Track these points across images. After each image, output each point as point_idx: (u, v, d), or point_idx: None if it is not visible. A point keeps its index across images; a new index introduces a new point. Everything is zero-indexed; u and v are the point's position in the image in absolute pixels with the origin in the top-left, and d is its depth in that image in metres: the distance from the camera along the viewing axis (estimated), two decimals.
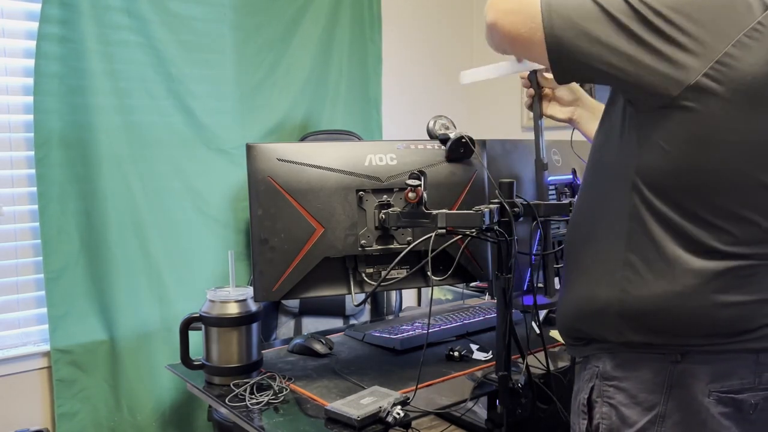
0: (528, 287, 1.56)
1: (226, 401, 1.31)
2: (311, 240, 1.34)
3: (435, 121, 1.48)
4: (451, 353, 1.53)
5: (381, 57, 2.90)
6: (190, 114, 2.35)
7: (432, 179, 1.40)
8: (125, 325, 2.22)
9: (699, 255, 0.94)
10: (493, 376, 1.34)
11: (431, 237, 1.24)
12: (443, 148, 1.46)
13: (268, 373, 1.44)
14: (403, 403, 1.24)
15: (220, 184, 2.44)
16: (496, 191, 1.28)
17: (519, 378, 1.27)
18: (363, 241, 1.38)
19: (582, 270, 1.07)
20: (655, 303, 0.97)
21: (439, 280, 1.47)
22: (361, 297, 1.40)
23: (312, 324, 2.40)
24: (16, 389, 2.13)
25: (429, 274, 1.36)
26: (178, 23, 2.30)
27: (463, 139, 1.42)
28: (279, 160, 1.34)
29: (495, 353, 1.35)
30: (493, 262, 1.48)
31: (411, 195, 1.25)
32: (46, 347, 2.13)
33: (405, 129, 3.04)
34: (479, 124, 3.34)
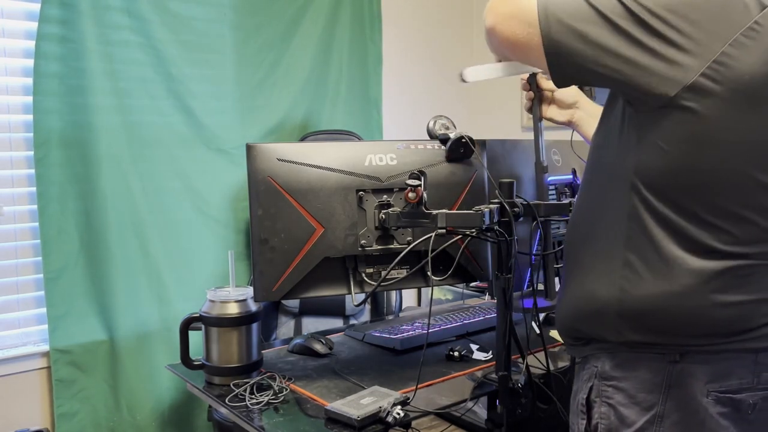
0: (528, 287, 1.56)
1: (226, 401, 1.31)
2: (311, 240, 1.34)
3: (435, 121, 1.48)
4: (451, 353, 1.53)
5: (381, 57, 2.90)
6: (190, 114, 2.35)
7: (432, 179, 1.40)
8: (125, 325, 2.22)
9: (698, 255, 0.94)
10: (493, 376, 1.34)
11: (431, 237, 1.24)
12: (443, 148, 1.46)
13: (268, 373, 1.44)
14: (403, 403, 1.24)
15: (220, 184, 2.44)
16: (496, 191, 1.28)
17: (519, 378, 1.27)
18: (363, 241, 1.38)
19: (581, 270, 1.07)
20: (654, 303, 0.97)
21: (439, 280, 1.47)
22: (361, 297, 1.40)
23: (312, 324, 2.40)
24: (16, 389, 2.13)
25: (429, 274, 1.36)
26: (178, 23, 2.30)
27: (463, 139, 1.42)
28: (279, 160, 1.34)
29: (495, 353, 1.35)
30: (493, 262, 1.48)
31: (411, 195, 1.25)
32: (45, 347, 2.13)
33: (405, 129, 3.04)
34: (479, 124, 3.34)
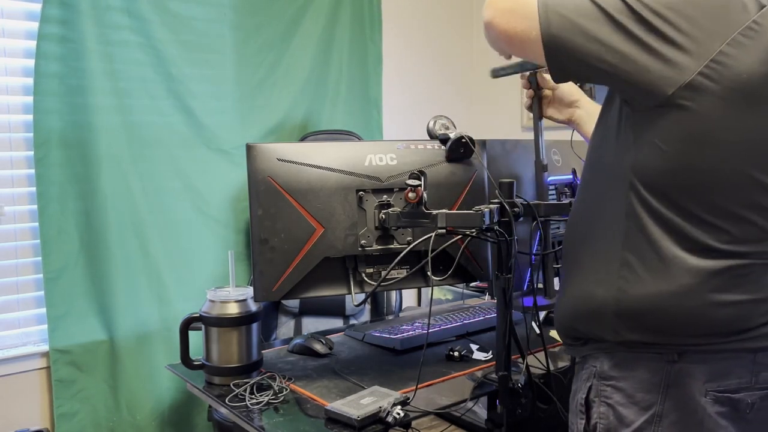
0: (528, 288, 1.56)
1: (226, 401, 1.31)
2: (311, 240, 1.34)
3: (435, 121, 1.48)
4: (451, 353, 1.53)
5: (381, 57, 2.90)
6: (190, 114, 2.35)
7: (432, 179, 1.40)
8: (125, 325, 2.22)
9: (696, 254, 0.94)
10: (493, 376, 1.34)
11: (431, 237, 1.24)
12: (443, 148, 1.46)
13: (268, 373, 1.44)
14: (403, 403, 1.24)
15: (220, 184, 2.44)
16: (496, 191, 1.28)
17: (519, 378, 1.27)
18: (363, 241, 1.38)
19: (579, 269, 1.07)
20: (652, 302, 0.97)
21: (439, 280, 1.47)
22: (361, 297, 1.40)
23: (312, 324, 2.40)
24: (16, 389, 2.13)
25: (429, 274, 1.36)
26: (178, 23, 2.30)
27: (463, 139, 1.42)
28: (279, 160, 1.34)
29: (495, 353, 1.35)
30: (493, 262, 1.48)
31: (411, 195, 1.25)
32: (45, 347, 2.13)
33: (405, 129, 3.04)
34: (479, 124, 3.34)
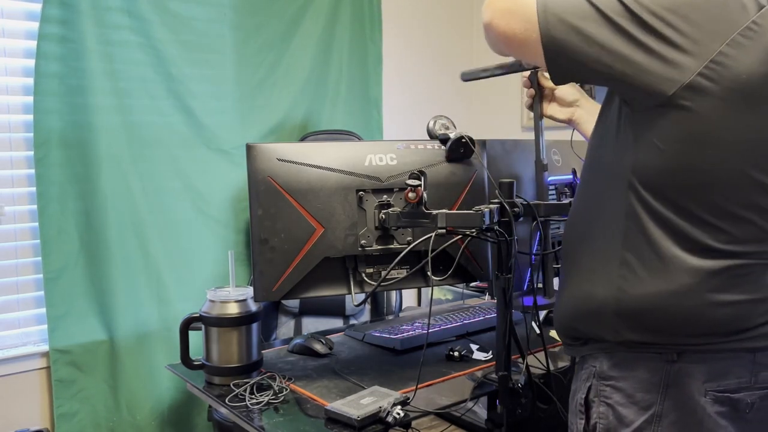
0: (528, 287, 1.56)
1: (226, 401, 1.31)
2: (311, 240, 1.34)
3: (435, 121, 1.48)
4: (451, 353, 1.53)
5: (381, 57, 2.90)
6: (190, 114, 2.35)
7: (432, 179, 1.40)
8: (125, 325, 2.22)
9: (695, 254, 0.94)
10: (493, 376, 1.34)
11: (431, 237, 1.24)
12: (443, 148, 1.46)
13: (268, 373, 1.44)
14: (403, 403, 1.24)
15: (220, 184, 2.44)
16: (496, 191, 1.28)
17: (519, 378, 1.27)
18: (363, 241, 1.38)
19: (579, 269, 1.07)
20: (652, 302, 0.97)
21: (439, 280, 1.47)
22: (361, 297, 1.40)
23: (312, 324, 2.40)
24: (16, 389, 2.13)
25: (429, 274, 1.36)
26: (178, 23, 2.30)
27: (463, 139, 1.42)
28: (279, 160, 1.34)
29: (495, 353, 1.35)
30: (493, 262, 1.48)
31: (411, 195, 1.25)
32: (45, 347, 2.13)
33: (405, 129, 3.04)
34: (479, 124, 3.34)
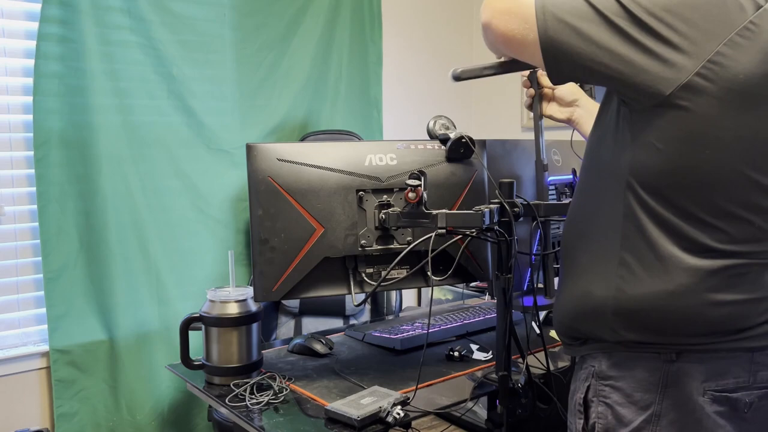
0: (528, 287, 1.56)
1: (226, 401, 1.31)
2: (311, 240, 1.34)
3: (435, 121, 1.48)
4: (451, 353, 1.53)
5: (381, 57, 2.90)
6: (190, 114, 2.35)
7: (432, 179, 1.40)
8: (125, 325, 2.22)
9: (693, 253, 0.94)
10: (493, 376, 1.34)
11: (431, 237, 1.24)
12: (443, 148, 1.46)
13: (268, 373, 1.44)
14: (403, 403, 1.24)
15: (221, 184, 2.44)
16: (496, 191, 1.28)
17: (519, 378, 1.27)
18: (363, 241, 1.38)
19: (578, 269, 1.07)
20: (650, 302, 0.97)
21: (439, 280, 1.47)
22: (361, 297, 1.40)
23: (312, 324, 2.40)
24: (16, 389, 2.13)
25: (429, 274, 1.36)
26: (178, 23, 2.30)
27: (463, 139, 1.42)
28: (279, 160, 1.34)
29: (495, 353, 1.35)
30: (493, 262, 1.48)
31: (411, 195, 1.25)
32: (45, 347, 2.13)
33: (405, 129, 3.04)
34: (479, 124, 3.34)
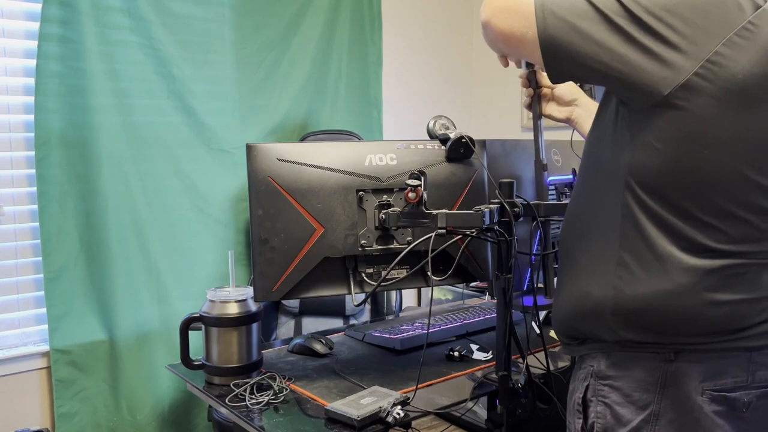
0: (528, 287, 1.56)
1: (226, 401, 1.31)
2: (311, 240, 1.34)
3: (435, 121, 1.48)
4: (451, 353, 1.53)
5: (381, 57, 2.90)
6: (190, 114, 2.35)
7: (432, 179, 1.40)
8: (125, 325, 2.22)
9: (692, 253, 0.94)
10: (493, 376, 1.34)
11: (431, 237, 1.24)
12: (443, 148, 1.46)
13: (268, 373, 1.44)
14: (403, 403, 1.24)
15: (221, 184, 2.44)
16: (496, 191, 1.28)
17: (519, 378, 1.27)
18: (363, 241, 1.38)
19: (576, 269, 1.07)
20: (649, 301, 0.97)
21: (439, 280, 1.47)
22: (361, 297, 1.40)
23: (312, 324, 2.40)
24: (16, 389, 2.13)
25: (429, 274, 1.36)
26: (178, 23, 2.30)
27: (463, 139, 1.42)
28: (279, 160, 1.34)
29: (495, 353, 1.35)
30: (493, 262, 1.48)
31: (411, 195, 1.25)
32: (45, 347, 2.13)
33: (405, 129, 3.04)
34: (479, 124, 3.34)
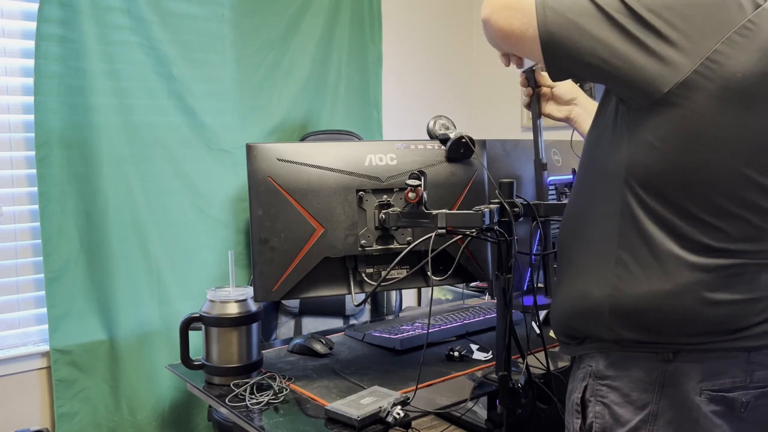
0: (528, 287, 1.56)
1: (226, 401, 1.31)
2: (311, 240, 1.34)
3: (435, 121, 1.48)
4: (451, 353, 1.53)
5: (381, 57, 2.90)
6: (190, 114, 2.35)
7: (432, 179, 1.40)
8: (125, 325, 2.22)
9: (690, 252, 0.94)
10: (493, 376, 1.34)
11: (431, 237, 1.24)
12: (443, 148, 1.46)
13: (268, 373, 1.44)
14: (403, 403, 1.24)
15: (221, 184, 2.44)
16: (496, 191, 1.28)
17: (519, 378, 1.27)
18: (363, 241, 1.38)
19: (575, 268, 1.07)
20: (647, 300, 0.97)
21: (439, 280, 1.47)
22: (361, 297, 1.40)
23: (312, 324, 2.40)
24: (16, 389, 2.13)
25: (429, 274, 1.36)
26: (178, 23, 2.30)
27: (463, 139, 1.42)
28: (279, 160, 1.34)
29: (495, 353, 1.35)
30: (493, 262, 1.48)
31: (411, 195, 1.25)
32: (45, 347, 2.13)
33: (405, 129, 3.04)
34: (479, 124, 3.34)
